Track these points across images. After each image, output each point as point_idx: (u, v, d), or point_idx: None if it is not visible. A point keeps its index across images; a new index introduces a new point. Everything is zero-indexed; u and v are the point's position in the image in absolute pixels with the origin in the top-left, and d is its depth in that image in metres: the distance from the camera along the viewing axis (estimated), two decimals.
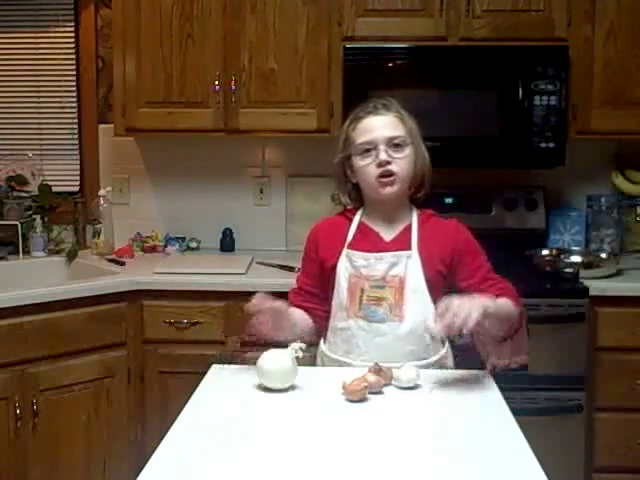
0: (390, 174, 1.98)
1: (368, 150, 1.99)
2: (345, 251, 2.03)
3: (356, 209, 2.11)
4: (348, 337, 2.00)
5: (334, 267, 2.04)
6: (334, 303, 2.05)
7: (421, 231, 2.03)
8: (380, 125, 1.99)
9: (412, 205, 2.09)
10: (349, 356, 1.99)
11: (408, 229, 2.04)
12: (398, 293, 1.97)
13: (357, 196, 2.10)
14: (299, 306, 2.08)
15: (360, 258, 2.01)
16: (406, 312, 1.97)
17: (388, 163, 1.97)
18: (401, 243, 2.02)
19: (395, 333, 1.97)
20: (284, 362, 1.81)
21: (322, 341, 2.09)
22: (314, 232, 2.15)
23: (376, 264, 1.99)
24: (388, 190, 2.00)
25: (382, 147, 1.97)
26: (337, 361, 2.01)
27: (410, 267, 1.98)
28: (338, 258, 2.03)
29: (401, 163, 1.98)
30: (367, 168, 2.00)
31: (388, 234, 2.05)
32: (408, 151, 2.00)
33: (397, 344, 1.97)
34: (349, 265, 2.02)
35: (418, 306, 1.98)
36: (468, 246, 2.05)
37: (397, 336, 1.97)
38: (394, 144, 1.98)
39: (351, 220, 2.09)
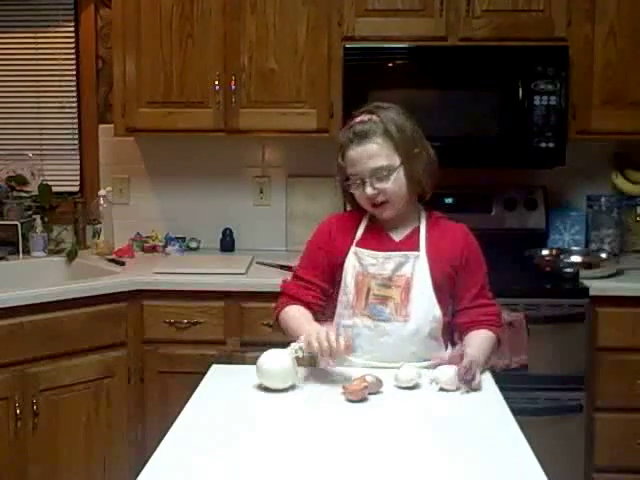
0: (381, 203, 1.99)
1: (356, 181, 2.00)
2: (353, 249, 2.04)
3: None
4: (353, 335, 2.00)
5: (341, 264, 2.04)
6: (340, 300, 2.05)
7: (430, 233, 2.04)
8: (362, 158, 1.97)
9: (420, 206, 2.09)
10: (353, 354, 1.99)
11: (417, 230, 2.05)
12: (404, 293, 1.98)
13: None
14: (301, 300, 2.04)
15: (368, 256, 2.01)
16: (412, 312, 1.97)
17: (376, 195, 1.98)
18: (410, 244, 2.03)
19: (400, 333, 1.97)
20: (284, 362, 1.81)
21: None
22: (327, 225, 2.13)
23: (384, 263, 2.00)
24: (383, 215, 2.02)
25: (368, 181, 1.97)
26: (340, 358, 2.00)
27: (417, 268, 1.99)
28: (346, 255, 2.04)
29: (389, 190, 1.98)
30: (360, 197, 2.02)
31: (397, 235, 2.05)
32: (395, 176, 1.98)
33: (401, 344, 1.97)
34: (357, 263, 2.02)
35: (424, 307, 1.98)
36: (475, 255, 2.07)
37: (401, 336, 1.97)
38: (378, 175, 1.97)
39: (361, 219, 2.09)
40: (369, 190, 1.97)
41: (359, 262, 2.02)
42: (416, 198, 2.08)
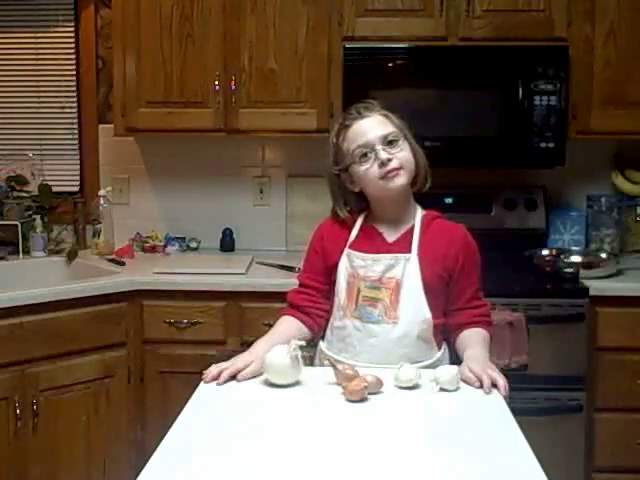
0: (394, 169, 1.96)
1: (365, 154, 1.97)
2: (346, 250, 2.04)
3: (361, 211, 2.10)
4: (344, 336, 2.01)
5: (336, 265, 2.04)
6: (334, 301, 2.05)
7: (424, 234, 2.02)
8: (370, 126, 1.98)
9: (417, 205, 2.08)
10: (344, 355, 1.99)
11: (411, 231, 2.03)
12: (394, 295, 1.96)
13: (358, 205, 2.08)
14: (297, 306, 2.06)
15: (358, 258, 2.01)
16: (401, 315, 1.96)
17: (389, 160, 1.95)
18: (403, 245, 2.01)
19: (388, 335, 1.96)
20: (285, 359, 1.81)
21: (321, 339, 2.09)
22: (321, 228, 2.14)
23: (373, 265, 1.98)
24: (396, 182, 1.96)
25: (379, 147, 1.96)
26: (332, 359, 2.00)
27: (408, 270, 1.97)
28: (340, 257, 2.04)
29: (401, 156, 1.97)
30: (369, 171, 1.97)
31: (391, 235, 2.04)
32: (404, 144, 1.99)
33: (390, 346, 1.96)
34: (348, 265, 2.02)
35: (413, 310, 1.96)
36: (472, 257, 2.05)
37: (390, 339, 1.96)
38: (389, 141, 1.97)
39: (356, 219, 2.08)
40: (383, 154, 1.94)
41: (350, 264, 2.02)
42: (412, 195, 2.05)
